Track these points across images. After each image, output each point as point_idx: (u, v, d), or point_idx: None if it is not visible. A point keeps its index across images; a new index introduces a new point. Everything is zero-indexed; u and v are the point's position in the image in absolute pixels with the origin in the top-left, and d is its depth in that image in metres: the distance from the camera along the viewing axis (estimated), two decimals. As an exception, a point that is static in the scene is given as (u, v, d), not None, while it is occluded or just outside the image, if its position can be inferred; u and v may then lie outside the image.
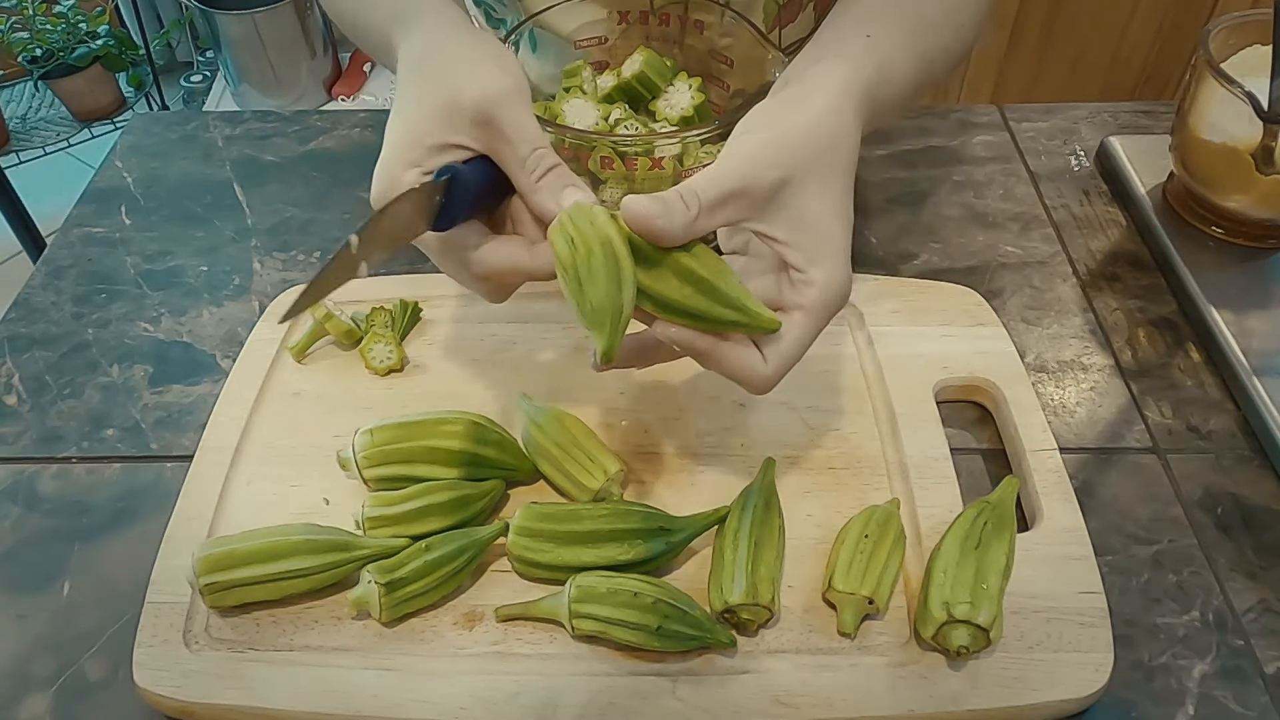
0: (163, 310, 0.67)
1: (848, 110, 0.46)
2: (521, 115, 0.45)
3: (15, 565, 0.53)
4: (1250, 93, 0.60)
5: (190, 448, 0.56)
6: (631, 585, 0.46)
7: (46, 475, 0.57)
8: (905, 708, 0.45)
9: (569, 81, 0.67)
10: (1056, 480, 0.53)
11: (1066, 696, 0.45)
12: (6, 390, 0.62)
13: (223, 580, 0.47)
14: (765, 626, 0.48)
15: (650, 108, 0.66)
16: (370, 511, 0.50)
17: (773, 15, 0.71)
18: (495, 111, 0.44)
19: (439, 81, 0.46)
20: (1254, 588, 0.51)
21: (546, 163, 0.45)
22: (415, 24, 0.51)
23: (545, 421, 0.54)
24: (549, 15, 0.68)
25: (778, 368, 0.44)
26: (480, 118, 0.44)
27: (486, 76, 0.45)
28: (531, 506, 0.50)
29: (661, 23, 0.68)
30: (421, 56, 0.48)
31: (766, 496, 0.51)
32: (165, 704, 0.46)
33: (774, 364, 0.44)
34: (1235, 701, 0.46)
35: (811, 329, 0.45)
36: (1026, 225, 0.72)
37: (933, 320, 0.62)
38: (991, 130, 0.81)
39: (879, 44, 0.51)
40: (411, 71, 0.48)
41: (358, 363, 0.60)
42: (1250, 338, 0.61)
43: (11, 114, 2.32)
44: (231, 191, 0.77)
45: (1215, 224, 0.68)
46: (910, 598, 0.49)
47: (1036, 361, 0.62)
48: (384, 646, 0.47)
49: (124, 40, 2.24)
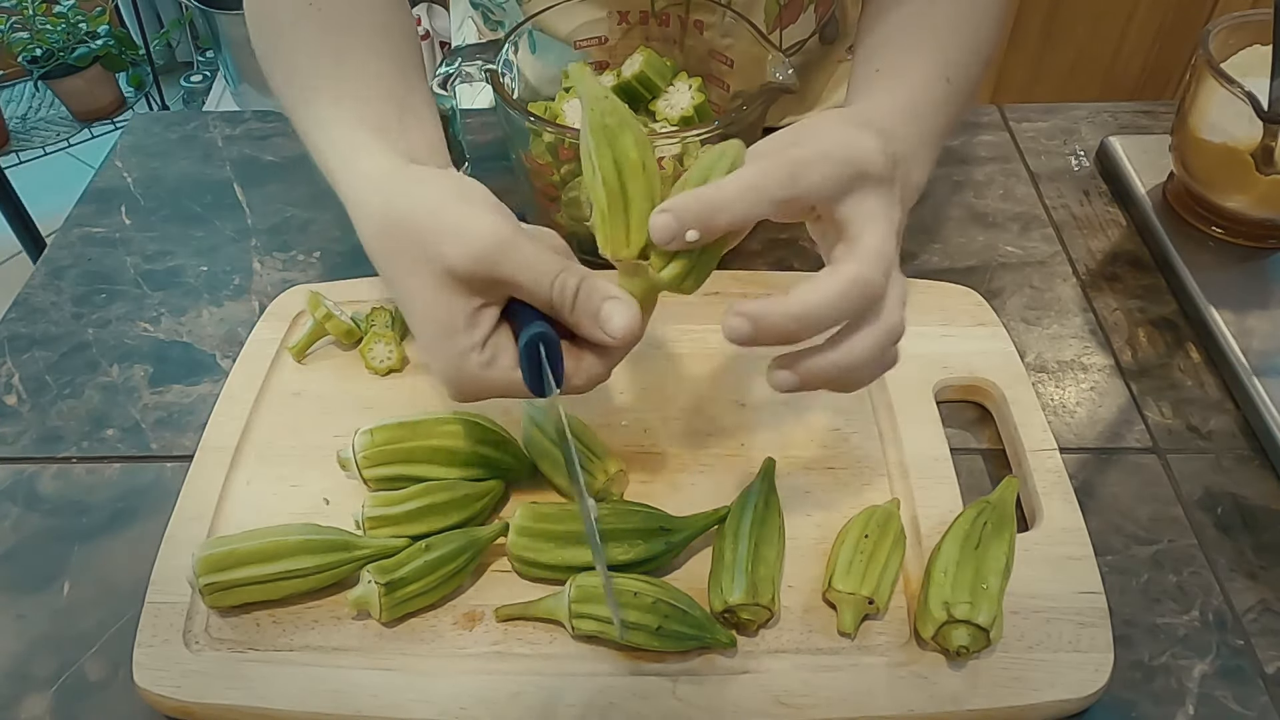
0: (163, 310, 0.67)
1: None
2: (522, 255, 0.41)
3: (15, 565, 0.53)
4: (1250, 93, 0.60)
5: (190, 448, 0.56)
6: (631, 585, 0.46)
7: (46, 475, 0.57)
8: (905, 708, 0.45)
9: (569, 82, 0.67)
10: (1056, 480, 0.53)
11: (1066, 696, 0.45)
12: (6, 390, 0.62)
13: (223, 580, 0.47)
14: (765, 626, 0.48)
15: (650, 108, 0.66)
16: (370, 511, 0.50)
17: (773, 16, 0.71)
18: (495, 270, 0.41)
19: (426, 258, 0.41)
20: (1254, 588, 0.51)
21: (571, 286, 0.41)
22: (353, 163, 0.47)
23: (545, 421, 0.54)
24: (549, 16, 0.68)
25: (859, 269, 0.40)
26: (487, 280, 0.41)
27: (468, 234, 0.41)
28: (531, 506, 0.50)
29: (661, 23, 0.68)
30: (383, 227, 0.43)
31: (766, 496, 0.51)
32: (165, 704, 0.46)
33: (852, 266, 0.40)
34: (1235, 701, 0.46)
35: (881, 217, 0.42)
36: (1026, 225, 0.72)
37: (933, 320, 0.62)
38: (991, 130, 0.81)
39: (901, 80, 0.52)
40: (384, 246, 0.44)
41: (358, 363, 0.60)
42: (1250, 338, 0.61)
43: (11, 114, 2.33)
44: (231, 191, 0.77)
45: (1215, 224, 0.68)
46: (910, 598, 0.49)
47: (1036, 361, 0.62)
48: (384, 646, 0.47)
49: (124, 40, 2.24)
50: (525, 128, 0.60)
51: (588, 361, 0.43)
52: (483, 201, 0.43)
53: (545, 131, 0.59)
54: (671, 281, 0.42)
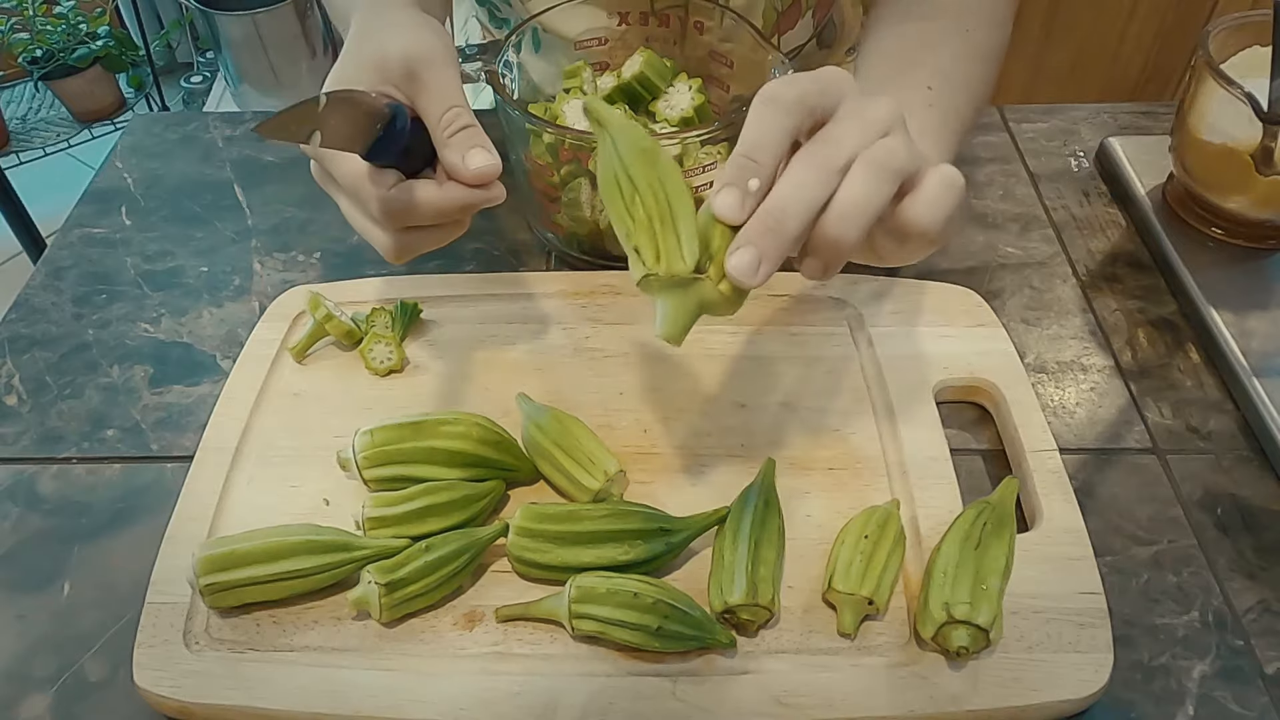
0: (163, 311, 0.67)
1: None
2: (444, 74, 0.48)
3: (15, 565, 0.53)
4: (1250, 94, 0.60)
5: (190, 448, 0.56)
6: (631, 586, 0.46)
7: (47, 475, 0.57)
8: (905, 708, 0.45)
9: (569, 82, 0.67)
10: (1056, 481, 0.53)
11: (1066, 697, 0.45)
12: (7, 391, 0.62)
13: (223, 580, 0.47)
14: (765, 627, 0.48)
15: (650, 108, 0.66)
16: (370, 512, 0.50)
17: (771, 22, 0.71)
18: (418, 68, 0.48)
19: (374, 42, 0.50)
20: (1254, 588, 0.51)
21: (460, 122, 0.48)
22: (368, 5, 0.54)
23: (545, 422, 0.54)
24: (550, 16, 0.68)
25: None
26: (406, 72, 0.48)
27: (413, 37, 0.49)
28: (531, 507, 0.50)
29: (662, 24, 0.68)
30: (362, 27, 0.52)
31: (766, 497, 0.51)
32: (165, 704, 0.46)
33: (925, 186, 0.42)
34: (1235, 702, 0.46)
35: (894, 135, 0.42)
36: (1026, 226, 0.72)
37: (933, 321, 0.62)
38: (991, 131, 0.81)
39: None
40: (353, 39, 0.52)
41: (358, 363, 0.61)
42: (1250, 338, 0.61)
43: (11, 115, 2.33)
44: (232, 192, 0.77)
45: (1215, 225, 0.68)
46: (910, 598, 0.49)
47: (1036, 362, 0.62)
48: (384, 647, 0.47)
49: (124, 41, 2.24)
50: (525, 128, 0.60)
51: (445, 190, 0.48)
52: (441, 35, 0.51)
53: (546, 132, 0.59)
54: (729, 294, 0.42)
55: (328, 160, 0.49)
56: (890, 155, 0.41)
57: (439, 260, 0.69)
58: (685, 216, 0.43)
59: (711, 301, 0.43)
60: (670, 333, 0.44)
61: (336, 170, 0.49)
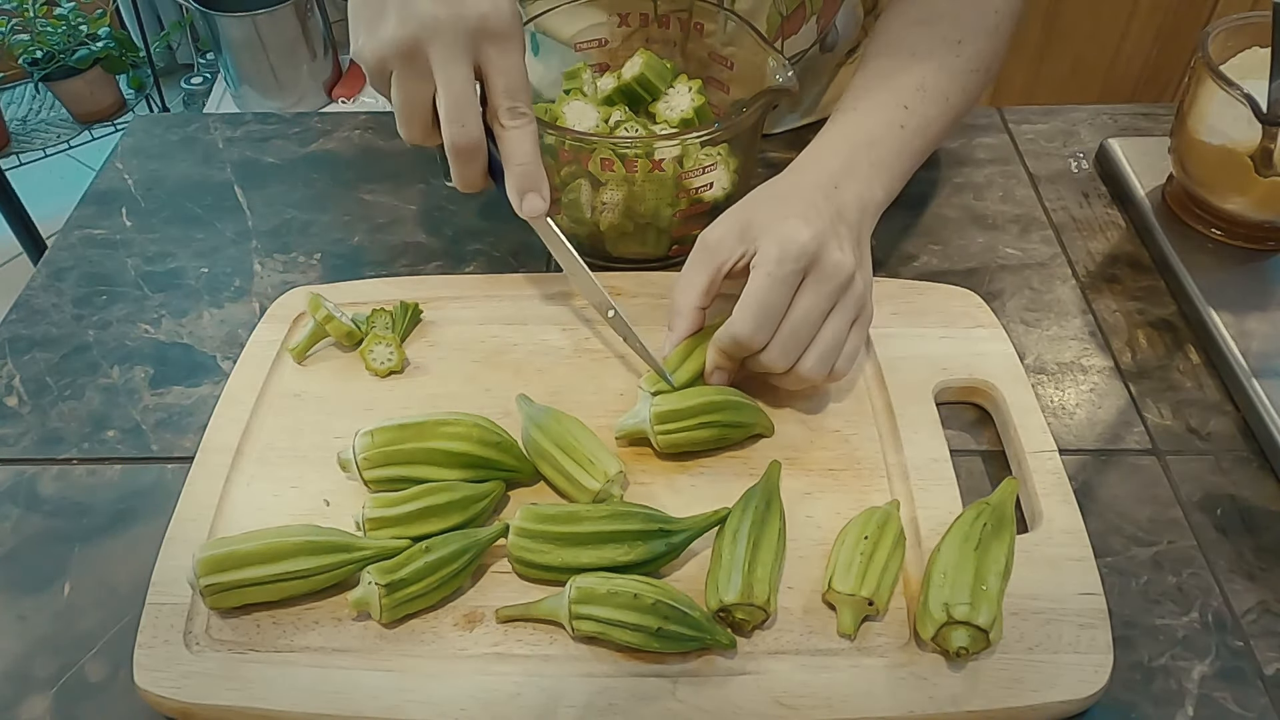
0: (163, 312, 0.67)
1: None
2: (511, 57, 0.52)
3: (16, 566, 0.53)
4: (1249, 95, 0.60)
5: (191, 449, 0.56)
6: (631, 586, 0.46)
7: (47, 476, 0.57)
8: (905, 709, 0.45)
9: (569, 84, 0.67)
10: (1056, 482, 0.53)
11: (1066, 698, 0.45)
12: (7, 392, 0.62)
13: (223, 581, 0.47)
14: (762, 627, 0.48)
15: (650, 110, 0.66)
16: (371, 513, 0.50)
17: (776, 26, 0.71)
18: (485, 43, 0.51)
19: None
20: (1253, 589, 0.51)
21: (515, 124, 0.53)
22: None
23: (545, 423, 0.54)
24: (550, 18, 0.68)
25: (741, 319, 0.52)
26: (476, 39, 0.51)
27: (491, 4, 0.51)
28: (531, 508, 0.50)
29: (662, 26, 0.68)
30: None
31: (769, 498, 0.51)
32: (165, 705, 0.46)
33: (736, 317, 0.52)
34: (1235, 703, 0.46)
35: (760, 281, 0.52)
36: (1026, 227, 0.72)
37: (932, 322, 0.62)
38: (991, 132, 0.81)
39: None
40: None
41: (358, 364, 0.61)
42: (1250, 339, 0.61)
43: (12, 116, 2.33)
44: (232, 193, 0.77)
45: (1214, 226, 0.68)
46: (910, 599, 0.49)
47: (1036, 363, 0.63)
48: (384, 647, 0.47)
49: (124, 42, 2.24)
50: (525, 130, 0.60)
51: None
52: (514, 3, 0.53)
53: (546, 133, 0.59)
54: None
55: None
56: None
57: (440, 261, 0.69)
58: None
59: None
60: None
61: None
